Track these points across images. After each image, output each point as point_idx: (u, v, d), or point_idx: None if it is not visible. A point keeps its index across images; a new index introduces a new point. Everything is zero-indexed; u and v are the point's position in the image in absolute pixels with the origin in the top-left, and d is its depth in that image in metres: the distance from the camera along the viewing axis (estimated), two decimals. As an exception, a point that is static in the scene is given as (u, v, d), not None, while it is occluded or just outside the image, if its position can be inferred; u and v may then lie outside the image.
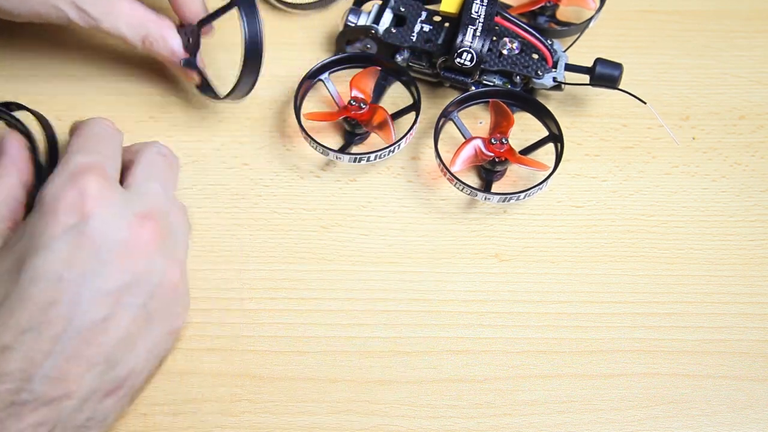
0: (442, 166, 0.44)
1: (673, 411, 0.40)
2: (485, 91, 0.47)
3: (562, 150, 0.45)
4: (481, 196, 0.44)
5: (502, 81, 0.47)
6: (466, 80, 0.46)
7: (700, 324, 0.43)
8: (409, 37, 0.47)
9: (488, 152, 0.44)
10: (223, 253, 0.44)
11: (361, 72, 0.47)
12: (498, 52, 0.47)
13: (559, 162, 0.45)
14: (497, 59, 0.47)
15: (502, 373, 0.41)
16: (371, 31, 0.47)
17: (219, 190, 0.46)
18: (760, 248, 0.45)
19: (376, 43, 0.48)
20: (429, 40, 0.47)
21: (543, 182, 0.44)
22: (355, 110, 0.45)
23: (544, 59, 0.47)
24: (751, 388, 0.41)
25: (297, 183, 0.46)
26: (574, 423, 0.40)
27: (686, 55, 0.52)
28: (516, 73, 0.47)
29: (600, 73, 0.46)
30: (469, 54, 0.44)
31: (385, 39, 0.47)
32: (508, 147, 0.44)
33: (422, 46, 0.47)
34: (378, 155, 0.44)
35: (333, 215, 0.46)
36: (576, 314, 0.43)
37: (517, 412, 0.40)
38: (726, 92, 0.51)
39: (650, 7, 0.53)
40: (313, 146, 0.45)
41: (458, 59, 0.45)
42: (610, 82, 0.46)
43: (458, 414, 0.40)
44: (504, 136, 0.44)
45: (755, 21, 0.51)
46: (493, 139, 0.44)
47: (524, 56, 0.47)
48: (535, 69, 0.46)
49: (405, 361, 0.41)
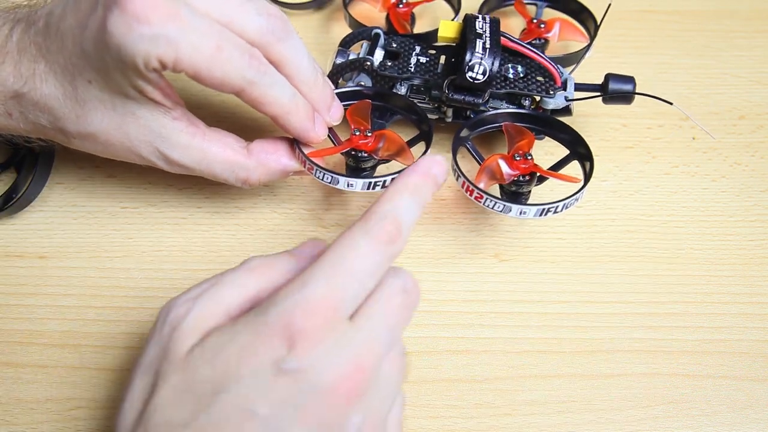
0: (468, 184, 0.40)
1: (673, 411, 0.40)
2: (499, 114, 0.44)
3: (592, 168, 0.42)
4: (516, 210, 0.40)
5: (507, 106, 0.46)
6: (477, 101, 0.44)
7: (700, 324, 0.43)
8: (406, 68, 0.45)
9: (512, 170, 0.41)
10: (223, 253, 0.44)
11: (354, 105, 0.43)
12: (503, 76, 0.45)
13: (589, 178, 0.42)
14: (503, 82, 0.45)
15: (502, 373, 0.41)
16: (366, 63, 0.45)
17: (219, 190, 0.46)
18: (760, 248, 0.45)
19: (370, 77, 0.46)
20: (428, 71, 0.46)
21: (580, 190, 0.41)
22: (362, 140, 0.42)
23: (551, 80, 0.45)
24: (751, 388, 0.41)
25: (297, 183, 0.46)
26: (574, 423, 0.40)
27: (686, 55, 0.52)
28: (526, 95, 0.45)
29: (613, 90, 0.45)
30: (481, 66, 0.42)
31: (381, 71, 0.45)
32: (532, 162, 0.41)
33: (422, 76, 0.45)
34: (392, 176, 0.40)
35: (333, 215, 0.46)
36: (576, 314, 0.43)
37: (517, 412, 0.40)
38: (726, 92, 0.51)
39: (650, 7, 0.53)
40: (319, 176, 0.41)
41: (470, 73, 0.42)
42: (624, 99, 0.45)
43: (458, 414, 0.40)
44: (526, 153, 0.42)
45: (755, 21, 0.51)
46: (516, 156, 0.41)
47: (530, 79, 0.45)
48: (545, 89, 0.45)
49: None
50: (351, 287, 0.32)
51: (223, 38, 0.36)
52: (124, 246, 0.44)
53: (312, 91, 0.40)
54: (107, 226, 0.45)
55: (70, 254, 0.44)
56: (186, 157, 0.40)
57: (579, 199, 0.41)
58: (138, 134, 0.39)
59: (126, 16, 0.34)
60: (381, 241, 0.33)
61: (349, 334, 0.31)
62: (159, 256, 0.44)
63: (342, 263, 0.32)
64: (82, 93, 0.38)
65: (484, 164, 0.42)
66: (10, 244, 0.45)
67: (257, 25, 0.37)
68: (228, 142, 0.41)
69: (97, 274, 0.44)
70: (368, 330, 0.32)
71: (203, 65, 0.35)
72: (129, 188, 0.46)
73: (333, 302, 0.31)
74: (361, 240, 0.33)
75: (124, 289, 0.43)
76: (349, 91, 0.45)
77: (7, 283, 0.43)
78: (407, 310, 0.34)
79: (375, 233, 0.33)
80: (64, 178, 0.47)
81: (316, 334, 0.31)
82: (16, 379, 0.40)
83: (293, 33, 0.39)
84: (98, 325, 0.42)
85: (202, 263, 0.44)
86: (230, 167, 0.41)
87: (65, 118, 0.38)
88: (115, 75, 0.36)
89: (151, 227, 0.45)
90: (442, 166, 0.36)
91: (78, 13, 0.36)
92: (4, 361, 0.41)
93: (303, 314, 0.31)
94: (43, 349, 0.41)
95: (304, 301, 0.31)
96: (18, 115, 0.39)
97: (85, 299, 0.43)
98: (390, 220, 0.33)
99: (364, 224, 0.33)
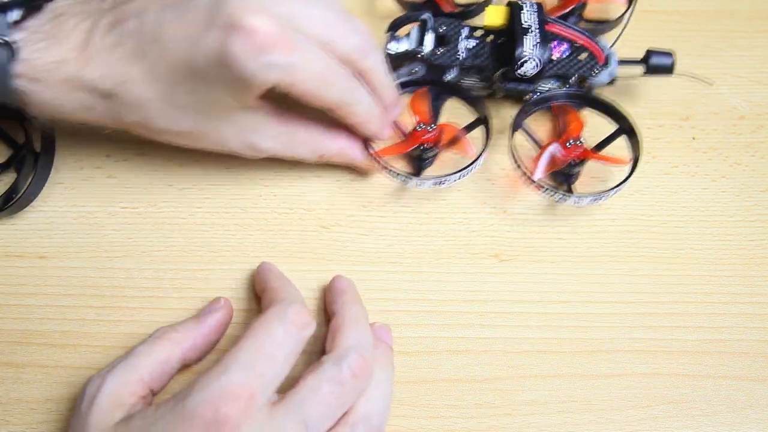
0: (526, 176, 0.43)
1: (673, 411, 0.40)
2: (550, 95, 0.46)
3: (638, 142, 0.44)
4: (572, 200, 0.43)
5: (557, 84, 0.47)
6: (529, 88, 0.46)
7: (700, 324, 0.43)
8: (456, 55, 0.47)
9: (566, 156, 0.44)
10: (223, 253, 0.44)
11: (415, 96, 0.46)
12: (549, 59, 0.46)
13: (638, 154, 0.44)
14: (550, 65, 0.46)
15: (502, 373, 0.41)
16: (419, 55, 0.47)
17: (219, 190, 0.46)
18: (760, 248, 0.45)
19: (424, 65, 0.47)
20: (477, 55, 0.47)
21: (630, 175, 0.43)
22: (426, 134, 0.45)
23: (594, 58, 0.46)
24: (751, 388, 0.41)
25: (297, 183, 0.46)
26: (574, 423, 0.40)
27: (686, 55, 0.51)
28: (572, 75, 0.46)
29: (655, 64, 0.47)
30: (532, 62, 0.44)
31: (434, 61, 0.47)
32: (583, 147, 0.44)
33: (473, 62, 0.47)
34: (460, 174, 0.43)
35: (333, 215, 0.46)
36: (576, 314, 0.43)
37: (517, 412, 0.40)
38: (726, 92, 0.50)
39: (650, 7, 0.53)
40: (393, 175, 0.44)
41: (521, 70, 0.44)
42: (665, 71, 0.47)
43: (458, 414, 0.40)
44: (578, 138, 0.44)
45: (755, 21, 0.51)
46: (568, 142, 0.44)
47: (574, 58, 0.47)
48: (590, 68, 0.46)
49: (405, 361, 0.41)
50: (269, 373, 0.34)
51: (329, 65, 0.38)
52: (124, 246, 0.44)
53: (385, 97, 0.43)
54: (107, 226, 0.45)
55: (70, 254, 0.44)
56: (277, 144, 0.42)
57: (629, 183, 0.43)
58: (231, 133, 0.41)
59: (250, 44, 0.35)
60: (295, 327, 0.35)
61: (269, 420, 0.33)
62: (159, 256, 0.44)
63: (260, 350, 0.34)
64: (180, 98, 0.38)
65: (540, 153, 0.44)
66: (10, 244, 0.45)
67: (353, 45, 0.39)
68: (310, 123, 0.43)
69: (97, 274, 0.44)
70: (287, 417, 0.34)
71: (313, 89, 0.38)
72: (129, 188, 0.46)
73: (252, 389, 0.33)
74: (278, 327, 0.35)
75: (124, 289, 0.43)
76: (404, 81, 0.47)
77: (7, 283, 0.43)
78: (339, 399, 0.35)
79: (290, 320, 0.36)
80: (64, 178, 0.47)
81: (237, 421, 0.32)
82: (16, 379, 0.40)
83: (376, 46, 0.41)
84: (98, 325, 0.42)
85: (202, 263, 0.44)
86: (313, 148, 0.43)
87: (158, 117, 0.39)
88: (223, 89, 0.38)
89: (151, 227, 0.45)
90: None
91: (185, 25, 0.37)
92: (4, 361, 0.41)
93: (223, 401, 0.32)
94: (43, 349, 0.41)
95: (224, 388, 0.33)
96: (103, 110, 0.39)
97: (85, 299, 0.43)
98: (301, 306, 0.36)
99: (280, 313, 0.36)
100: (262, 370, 0.34)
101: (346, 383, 0.35)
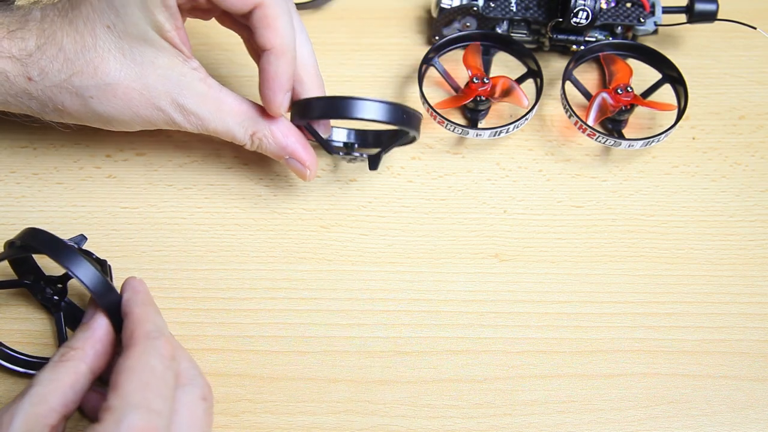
0: (581, 122, 0.45)
1: (673, 411, 0.40)
2: (598, 45, 0.48)
3: (686, 89, 0.47)
4: (625, 144, 0.46)
5: (603, 35, 0.49)
6: (579, 38, 0.48)
7: (700, 324, 0.43)
8: (508, 8, 0.49)
9: (617, 103, 0.46)
10: (223, 253, 0.44)
11: (467, 50, 0.48)
12: (599, 9, 0.48)
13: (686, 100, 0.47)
14: (599, 14, 0.48)
15: (502, 373, 0.41)
16: (473, 9, 0.49)
17: (219, 190, 0.46)
18: (760, 248, 0.45)
19: (476, 19, 0.49)
20: (528, 7, 0.49)
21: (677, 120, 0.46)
22: (480, 87, 0.47)
23: (640, 5, 0.49)
24: (751, 388, 0.41)
25: (297, 183, 0.46)
26: (574, 423, 0.40)
27: (686, 55, 0.52)
28: (619, 24, 0.49)
29: (699, 10, 0.49)
30: (584, 12, 0.46)
31: (487, 14, 0.49)
32: (632, 94, 0.46)
33: (524, 15, 0.49)
34: (516, 124, 0.46)
35: (333, 215, 0.46)
36: (576, 314, 0.43)
37: (517, 412, 0.40)
38: (726, 92, 0.51)
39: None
40: (450, 128, 0.46)
41: (575, 19, 0.46)
42: (708, 18, 0.49)
43: (458, 414, 0.40)
44: (627, 85, 0.46)
45: (755, 21, 0.51)
46: (618, 89, 0.46)
47: (621, 7, 0.49)
48: (636, 17, 0.49)
49: (405, 361, 0.41)
50: (164, 410, 0.33)
51: None
52: (124, 246, 0.44)
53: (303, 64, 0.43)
54: (107, 226, 0.45)
55: (70, 254, 0.44)
56: (202, 107, 0.41)
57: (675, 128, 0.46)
58: (156, 83, 0.40)
59: None
60: (168, 357, 0.35)
61: None
62: (159, 256, 0.44)
63: (146, 387, 0.33)
64: (102, 42, 0.39)
65: (592, 100, 0.47)
66: (10, 244, 0.45)
67: None
68: (241, 97, 0.42)
69: (97, 274, 0.44)
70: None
71: None
72: (129, 188, 0.46)
73: (154, 428, 0.32)
74: (155, 362, 0.34)
75: (124, 289, 0.43)
76: (456, 36, 0.49)
77: (7, 283, 0.43)
78: (210, 415, 0.36)
79: (161, 352, 0.35)
80: (64, 178, 0.46)
81: None
82: (17, 379, 0.40)
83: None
84: (98, 325, 0.42)
85: (202, 263, 0.44)
86: (242, 119, 0.42)
87: (83, 71, 0.40)
88: (136, 12, 0.38)
89: (151, 227, 0.45)
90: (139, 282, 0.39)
91: None
92: (4, 361, 0.41)
93: None
94: (43, 349, 0.41)
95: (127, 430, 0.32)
96: (37, 74, 0.40)
97: (85, 299, 0.43)
98: (165, 336, 0.36)
99: (151, 348, 0.35)
100: (157, 407, 0.33)
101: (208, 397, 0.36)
